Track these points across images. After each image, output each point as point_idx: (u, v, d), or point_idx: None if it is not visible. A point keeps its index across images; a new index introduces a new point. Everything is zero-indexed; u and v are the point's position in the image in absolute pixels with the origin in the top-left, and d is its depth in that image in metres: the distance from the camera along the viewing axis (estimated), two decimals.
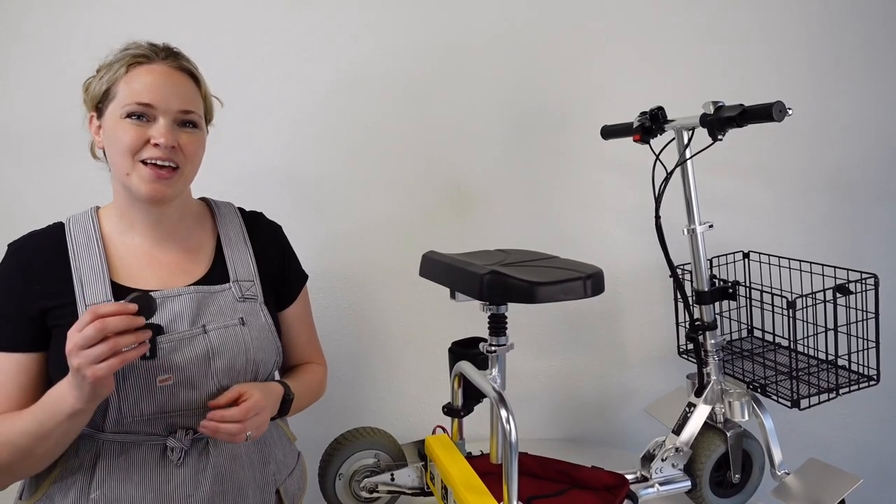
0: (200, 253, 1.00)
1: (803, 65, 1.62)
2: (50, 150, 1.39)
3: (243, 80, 1.45)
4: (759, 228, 1.64)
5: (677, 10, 1.58)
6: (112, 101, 0.88)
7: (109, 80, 0.89)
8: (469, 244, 1.54)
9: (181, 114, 0.90)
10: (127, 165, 0.88)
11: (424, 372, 1.58)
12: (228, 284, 0.98)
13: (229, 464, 0.93)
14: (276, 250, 1.08)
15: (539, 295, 0.92)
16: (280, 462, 1.02)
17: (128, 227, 0.95)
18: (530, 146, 1.57)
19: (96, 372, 0.75)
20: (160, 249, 0.96)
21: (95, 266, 0.90)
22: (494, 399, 0.97)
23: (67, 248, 0.91)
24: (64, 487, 0.87)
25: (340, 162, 1.50)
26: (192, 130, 0.93)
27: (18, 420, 0.83)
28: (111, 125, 0.89)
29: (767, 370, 1.28)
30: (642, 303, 1.63)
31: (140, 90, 0.87)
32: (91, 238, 0.93)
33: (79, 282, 0.89)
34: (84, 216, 0.96)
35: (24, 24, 1.36)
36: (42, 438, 0.82)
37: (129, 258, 0.94)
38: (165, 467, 0.89)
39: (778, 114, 0.99)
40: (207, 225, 1.04)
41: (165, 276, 0.94)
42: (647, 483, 1.20)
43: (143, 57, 0.89)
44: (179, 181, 0.92)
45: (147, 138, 0.87)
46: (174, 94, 0.89)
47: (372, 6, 1.49)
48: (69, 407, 0.79)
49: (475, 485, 1.01)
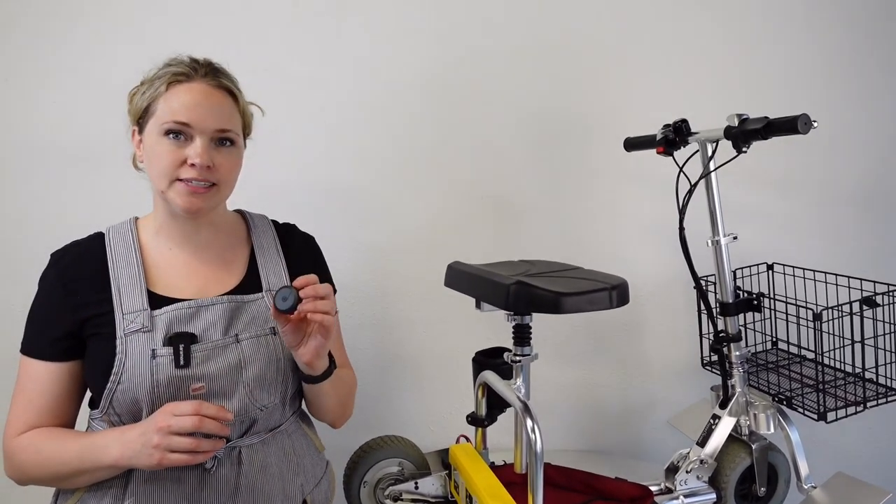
0: (235, 263, 1.01)
1: (826, 76, 1.62)
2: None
3: (272, 92, 1.47)
4: (783, 240, 1.63)
5: (700, 23, 1.59)
6: (152, 118, 0.91)
7: (150, 96, 0.91)
8: (492, 255, 1.55)
9: (218, 132, 0.92)
10: (164, 183, 0.90)
11: (448, 381, 1.59)
12: (261, 294, 0.99)
13: (260, 473, 0.94)
14: (308, 260, 1.10)
15: (565, 305, 0.93)
16: (308, 472, 1.02)
17: (166, 238, 0.97)
18: (554, 158, 1.59)
19: (169, 459, 0.81)
20: (196, 259, 0.98)
21: (133, 275, 0.93)
22: (519, 408, 0.98)
23: (107, 258, 0.94)
24: (99, 493, 0.89)
25: (366, 174, 1.53)
26: (229, 148, 0.94)
27: (63, 448, 0.87)
28: (150, 142, 0.91)
29: (793, 383, 1.27)
30: (665, 314, 1.63)
31: (178, 109, 0.89)
32: (130, 248, 0.95)
33: (117, 290, 0.91)
34: (123, 226, 0.98)
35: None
36: (79, 473, 0.86)
37: (165, 267, 0.96)
38: (199, 476, 0.90)
39: (804, 126, 0.99)
40: (242, 236, 1.06)
41: (200, 286, 0.96)
42: (671, 495, 1.19)
43: (183, 75, 0.91)
44: (215, 197, 0.94)
45: (184, 158, 0.89)
46: (211, 113, 0.91)
47: (400, 21, 1.51)
48: (111, 460, 0.84)
49: (500, 494, 1.01)
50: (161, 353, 0.88)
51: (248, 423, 0.94)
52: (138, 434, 0.83)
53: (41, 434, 0.89)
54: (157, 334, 0.89)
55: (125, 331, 0.88)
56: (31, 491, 1.08)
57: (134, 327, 0.88)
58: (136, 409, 0.88)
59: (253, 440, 0.95)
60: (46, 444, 0.88)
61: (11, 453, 0.90)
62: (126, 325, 0.88)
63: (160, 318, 0.90)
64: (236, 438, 0.93)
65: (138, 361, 0.87)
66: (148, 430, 0.82)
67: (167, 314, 0.90)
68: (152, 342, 0.88)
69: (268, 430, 0.97)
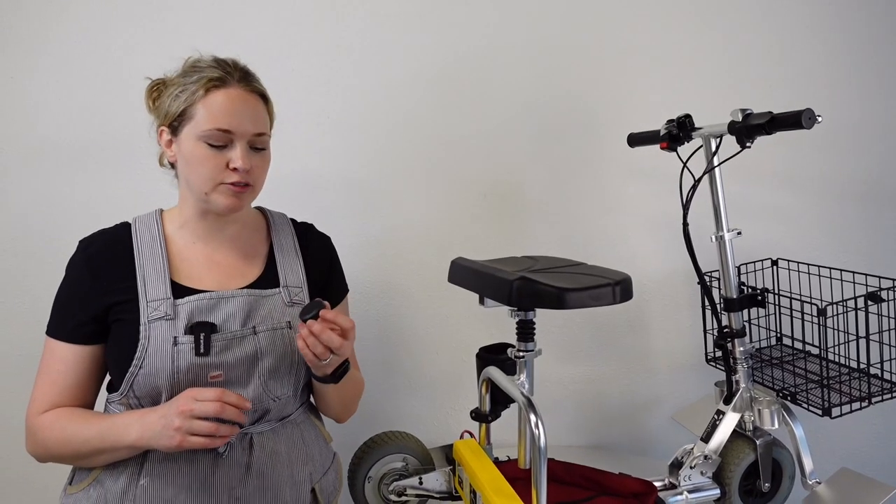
0: (255, 258, 1.05)
1: (829, 71, 1.62)
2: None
3: (275, 87, 1.47)
4: (787, 236, 1.63)
5: (703, 18, 1.59)
6: (189, 122, 0.93)
7: (187, 100, 0.92)
8: (495, 251, 1.55)
9: (255, 137, 0.95)
10: (209, 186, 0.94)
11: (452, 377, 1.59)
12: (278, 289, 1.02)
13: (270, 459, 0.97)
14: (324, 260, 1.13)
15: (568, 301, 0.93)
16: (316, 461, 1.05)
17: (190, 232, 1.01)
18: (557, 154, 1.59)
19: (189, 441, 0.84)
20: (219, 253, 1.01)
21: (157, 265, 0.96)
22: (523, 404, 0.98)
23: (133, 247, 0.97)
24: (115, 473, 0.92)
25: (369, 170, 1.53)
26: (262, 151, 0.98)
27: (86, 427, 0.90)
28: (189, 146, 0.93)
29: (797, 378, 1.27)
30: (669, 310, 1.63)
31: (219, 116, 0.91)
32: (155, 238, 0.98)
33: (141, 279, 0.94)
34: (149, 217, 1.02)
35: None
36: (99, 452, 0.90)
37: (189, 259, 0.99)
38: (211, 459, 0.93)
39: (807, 121, 0.98)
40: (262, 233, 1.09)
41: (221, 278, 0.99)
42: (675, 490, 1.19)
43: (220, 80, 0.93)
44: (250, 196, 0.98)
45: (226, 162, 0.93)
46: (250, 119, 0.94)
47: (402, 17, 1.51)
48: (131, 440, 0.87)
49: (505, 489, 1.02)
50: (182, 341, 0.91)
51: (261, 412, 0.98)
52: (159, 416, 0.86)
53: (64, 413, 0.93)
54: (179, 322, 0.92)
55: (149, 318, 0.91)
56: (50, 469, 1.14)
57: (157, 315, 0.92)
58: (156, 394, 0.92)
59: (264, 428, 0.98)
60: (69, 423, 0.91)
61: (35, 430, 0.93)
62: (150, 313, 0.92)
63: (182, 307, 0.93)
64: (249, 426, 0.97)
65: (160, 348, 0.90)
66: (169, 413, 0.85)
67: (189, 304, 0.93)
68: (174, 330, 0.91)
69: (279, 419, 1.01)
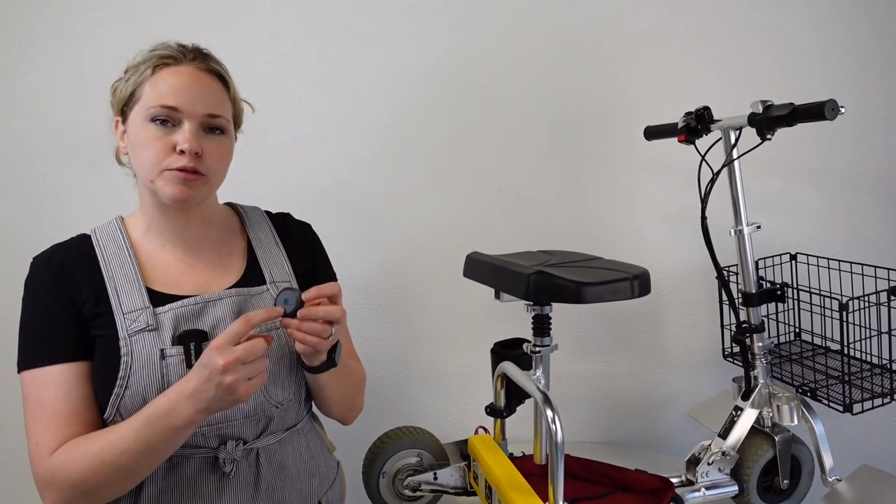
0: (233, 257, 0.97)
1: (848, 62, 1.59)
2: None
3: (286, 85, 1.48)
4: (807, 230, 1.61)
5: (720, 9, 1.56)
6: (136, 104, 0.85)
7: (135, 82, 0.85)
8: (510, 246, 1.54)
9: (208, 118, 0.86)
10: (153, 173, 0.85)
11: (467, 372, 1.59)
12: (265, 287, 0.94)
13: (278, 474, 0.91)
14: (307, 248, 1.05)
15: (586, 295, 0.92)
16: (322, 473, 1.00)
17: (157, 234, 0.92)
18: (573, 147, 1.57)
19: (250, 388, 0.75)
20: (192, 255, 0.93)
21: (129, 273, 0.87)
22: (540, 399, 0.97)
23: (98, 258, 0.88)
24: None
25: (382, 165, 1.53)
26: (219, 136, 0.89)
27: (115, 439, 0.78)
28: (135, 129, 0.85)
29: (817, 374, 1.25)
30: (685, 305, 1.61)
31: (165, 92, 0.83)
32: (121, 246, 0.90)
33: (114, 291, 0.86)
34: (110, 225, 0.93)
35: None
36: (148, 456, 0.78)
37: (161, 264, 0.91)
38: (217, 482, 0.86)
39: (831, 112, 0.97)
40: (236, 230, 1.01)
41: (200, 282, 0.92)
42: (692, 487, 1.18)
43: (171, 58, 0.86)
44: (204, 187, 0.88)
45: (172, 145, 0.84)
46: (201, 97, 0.85)
47: (412, 12, 1.51)
48: (186, 418, 0.76)
49: (521, 485, 1.01)
50: (170, 353, 0.83)
51: (264, 421, 0.90)
52: (201, 382, 0.75)
53: (79, 441, 0.80)
54: (163, 333, 0.84)
55: (128, 331, 0.83)
56: None
57: (137, 326, 0.83)
58: None
59: (270, 440, 0.91)
60: (91, 445, 0.78)
61: (52, 475, 0.79)
62: (128, 325, 0.83)
63: (164, 315, 0.85)
64: (253, 440, 0.90)
65: (146, 363, 0.82)
66: (213, 375, 0.74)
67: (172, 311, 0.85)
68: (159, 342, 0.83)
69: (284, 429, 0.94)
